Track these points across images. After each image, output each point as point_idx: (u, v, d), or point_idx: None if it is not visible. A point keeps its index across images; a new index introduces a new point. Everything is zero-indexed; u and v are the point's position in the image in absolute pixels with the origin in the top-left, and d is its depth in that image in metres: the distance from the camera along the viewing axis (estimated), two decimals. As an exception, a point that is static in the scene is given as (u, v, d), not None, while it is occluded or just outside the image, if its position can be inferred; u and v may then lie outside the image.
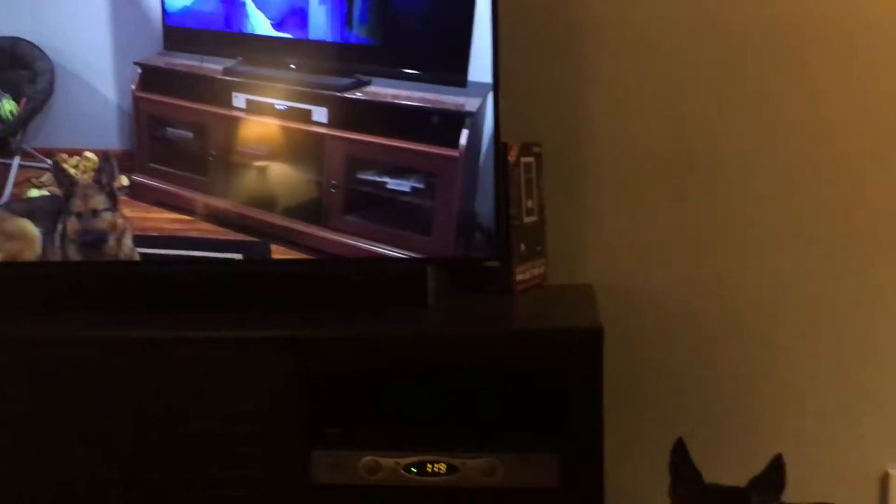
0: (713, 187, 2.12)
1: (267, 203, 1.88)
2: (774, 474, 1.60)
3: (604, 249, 2.15)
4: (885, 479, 2.14)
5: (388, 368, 1.91)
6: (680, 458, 1.64)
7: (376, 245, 1.84)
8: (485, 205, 1.82)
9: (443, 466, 1.67)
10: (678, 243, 2.14)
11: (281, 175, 1.88)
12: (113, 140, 1.89)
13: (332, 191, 1.85)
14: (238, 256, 1.90)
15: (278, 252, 1.88)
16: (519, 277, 1.97)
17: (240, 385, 1.70)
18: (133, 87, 1.88)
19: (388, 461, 1.68)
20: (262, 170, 1.88)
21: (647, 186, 2.13)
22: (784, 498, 1.62)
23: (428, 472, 1.68)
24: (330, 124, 1.83)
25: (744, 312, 2.14)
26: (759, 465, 1.63)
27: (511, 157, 1.93)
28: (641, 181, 2.13)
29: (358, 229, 1.84)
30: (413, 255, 1.84)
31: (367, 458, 1.68)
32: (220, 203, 1.89)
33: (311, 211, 1.86)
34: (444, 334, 1.75)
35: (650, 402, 2.16)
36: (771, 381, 2.14)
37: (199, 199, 1.90)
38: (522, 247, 1.98)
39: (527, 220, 2.00)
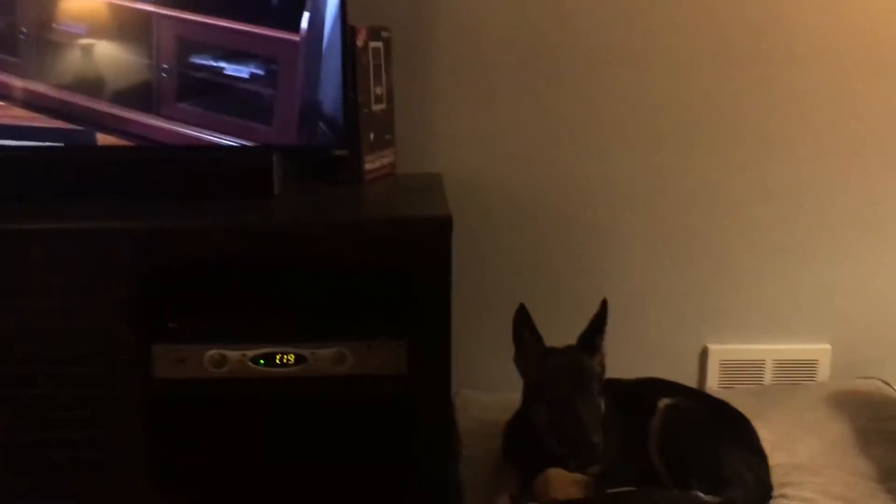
0: (563, 78, 2.14)
1: (90, 88, 1.74)
2: (602, 318, 1.73)
3: (453, 139, 2.15)
4: (703, 354, 2.33)
5: (234, 260, 1.86)
6: (522, 324, 1.72)
7: (214, 135, 1.76)
8: (330, 92, 1.76)
9: (291, 357, 1.67)
10: (526, 133, 2.17)
11: (105, 57, 1.73)
12: None
13: (163, 76, 1.73)
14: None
15: (105, 142, 1.76)
16: (368, 167, 1.95)
17: (73, 279, 1.62)
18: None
19: (234, 354, 1.66)
20: (84, 50, 1.72)
21: (497, 75, 2.13)
22: (606, 348, 1.73)
23: (276, 363, 1.67)
24: (157, 1, 1.70)
25: (584, 201, 2.21)
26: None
27: (359, 42, 1.86)
28: (492, 70, 2.12)
29: (193, 117, 1.75)
30: (254, 144, 1.77)
31: (212, 352, 1.66)
32: (36, 87, 1.73)
33: (141, 97, 1.74)
34: (290, 225, 1.72)
35: (495, 287, 2.23)
36: (604, 264, 2.25)
37: (11, 82, 1.73)
38: (371, 135, 1.95)
39: (375, 107, 1.96)
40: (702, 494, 1.68)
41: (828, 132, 2.20)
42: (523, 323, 1.72)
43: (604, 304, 1.74)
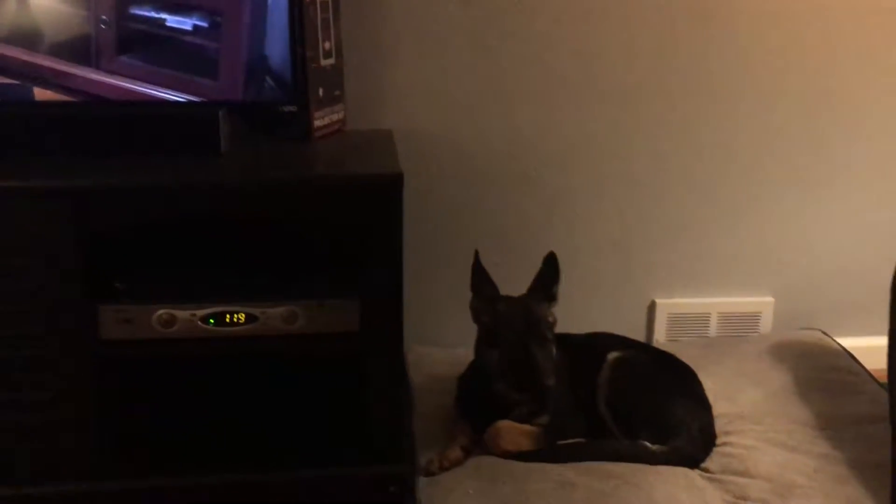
0: (513, 33, 2.12)
1: (26, 40, 1.67)
2: (552, 270, 1.77)
3: (403, 95, 2.13)
4: (651, 308, 2.38)
5: (181, 219, 1.82)
6: (478, 273, 1.77)
7: (157, 89, 1.70)
8: (277, 46, 1.72)
9: (242, 316, 1.66)
10: (477, 88, 2.15)
11: (41, 7, 1.66)
12: None
13: (103, 27, 1.67)
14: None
15: (43, 97, 1.70)
16: (317, 123, 1.92)
17: (14, 239, 1.58)
18: None
19: (183, 313, 1.64)
20: (18, 1, 1.65)
21: (447, 30, 2.10)
22: (558, 330, 1.76)
23: (226, 322, 1.65)
24: (95, -51, 1.64)
25: (534, 156, 2.22)
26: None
27: (307, -6, 1.82)
28: (442, 24, 2.10)
29: (135, 71, 1.69)
30: (199, 99, 1.72)
31: (161, 312, 1.63)
32: (-34, 39, 1.66)
33: (80, 50, 1.68)
34: (238, 182, 1.68)
35: (446, 243, 2.23)
36: (553, 219, 2.27)
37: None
38: (320, 91, 1.91)
39: (324, 62, 1.92)
40: (649, 444, 1.73)
41: (771, 89, 2.23)
42: (478, 273, 1.76)
43: (552, 256, 1.77)
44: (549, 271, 1.77)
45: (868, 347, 2.22)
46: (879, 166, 2.31)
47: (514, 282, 1.73)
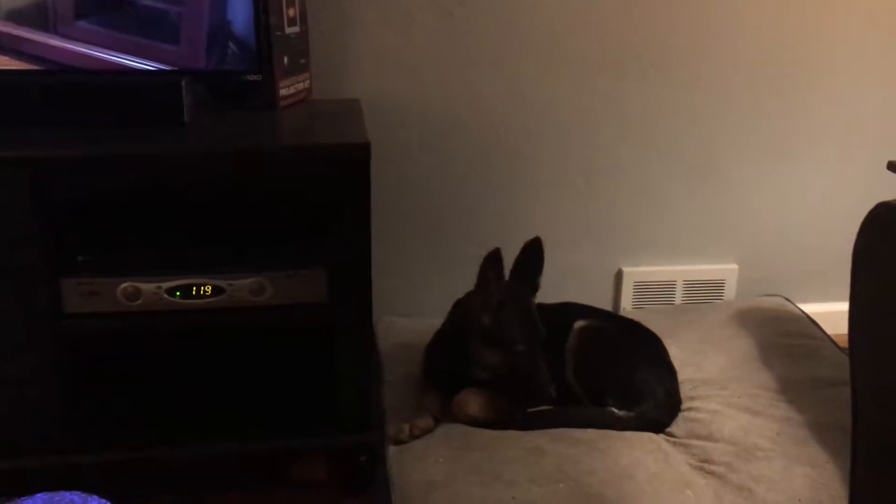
0: (479, 2, 2.10)
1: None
2: (534, 258, 1.74)
3: (370, 63, 2.11)
4: (618, 276, 2.40)
5: (145, 190, 1.80)
6: (491, 267, 1.68)
7: (116, 55, 1.66)
8: (241, 13, 1.69)
9: (208, 288, 1.64)
10: (444, 57, 2.14)
11: (-6, -30, 1.61)
12: None
13: (61, -10, 1.62)
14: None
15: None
16: (283, 92, 1.89)
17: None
18: None
19: (148, 286, 1.62)
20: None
21: (413, -3, 2.09)
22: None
23: (193, 294, 1.64)
24: None
25: (501, 125, 2.21)
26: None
27: (270, -40, 1.79)
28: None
29: (93, 37, 1.65)
30: (160, 66, 1.69)
31: (125, 285, 1.61)
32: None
33: (37, 14, 1.63)
34: (203, 152, 1.65)
35: (414, 213, 2.23)
36: (520, 189, 2.27)
37: None
38: (285, 59, 1.89)
39: (289, 30, 1.89)
40: (616, 410, 1.75)
41: (735, 60, 2.24)
42: (493, 266, 1.68)
43: (537, 243, 1.74)
44: (535, 259, 1.75)
45: (829, 313, 2.26)
46: (842, 134, 2.34)
47: (481, 251, 1.72)
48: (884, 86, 2.31)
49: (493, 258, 1.68)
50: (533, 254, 1.75)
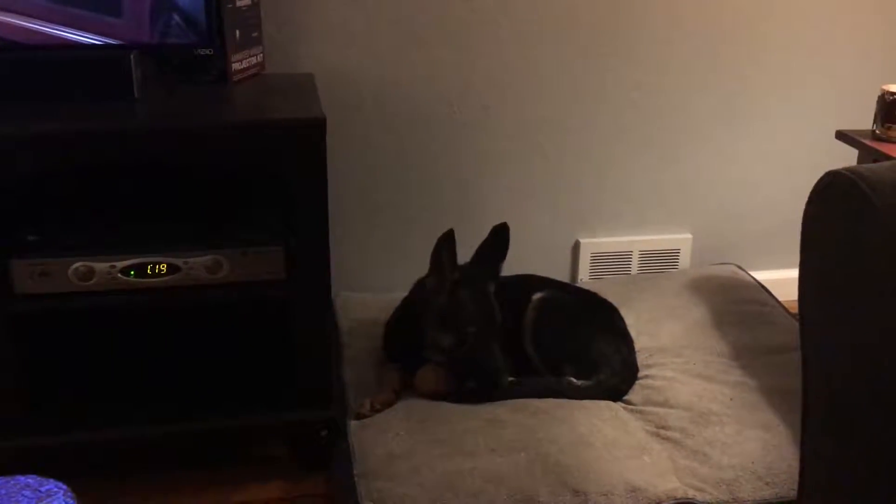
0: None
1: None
2: (499, 243, 1.75)
3: (324, 37, 2.08)
4: (575, 247, 2.42)
5: (96, 167, 1.76)
6: (444, 249, 1.70)
7: (60, 29, 1.62)
8: (189, -16, 1.65)
9: (164, 267, 1.61)
10: (397, 29, 2.12)
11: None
12: None
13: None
14: None
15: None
16: (235, 66, 1.86)
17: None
18: None
19: (102, 265, 1.59)
20: None
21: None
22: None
23: (148, 273, 1.61)
24: None
25: (458, 98, 2.20)
26: (472, 234, 1.76)
27: (218, -71, 1.75)
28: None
29: (33, 9, 1.59)
30: (106, 40, 1.64)
31: (78, 265, 1.58)
32: None
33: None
34: (154, 128, 1.62)
35: (372, 187, 2.22)
36: (480, 160, 2.27)
37: None
38: (237, 33, 1.85)
39: (240, 3, 1.86)
40: (574, 379, 1.78)
41: (686, 31, 2.25)
42: (446, 248, 1.70)
43: (504, 229, 1.75)
44: (500, 244, 1.76)
45: (780, 280, 2.31)
46: (791, 105, 2.37)
47: (438, 226, 1.72)
48: (832, 56, 2.34)
49: (446, 240, 1.69)
50: (498, 240, 1.76)
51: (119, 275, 1.60)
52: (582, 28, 2.20)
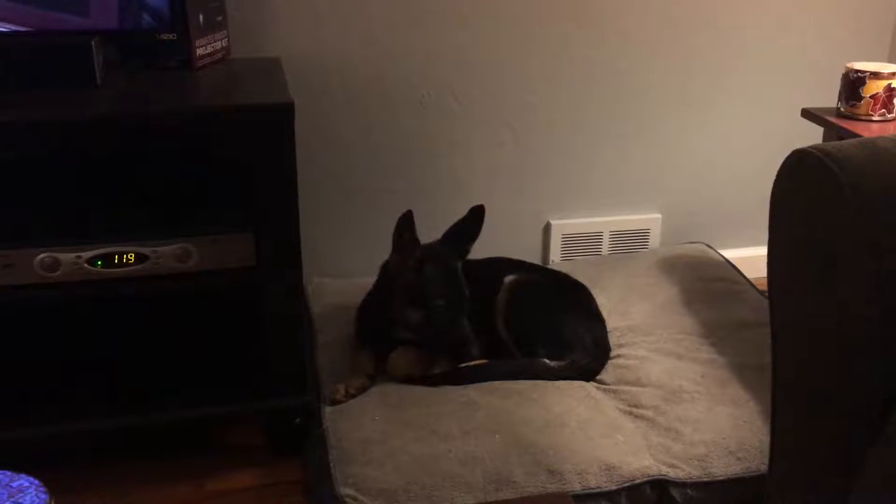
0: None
1: None
2: (474, 224, 1.77)
3: (290, 20, 2.05)
4: (547, 228, 2.43)
5: (59, 156, 1.73)
6: (405, 228, 1.73)
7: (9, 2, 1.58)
8: (151, -32, 1.62)
9: (131, 256, 1.59)
10: (366, 13, 2.10)
11: None
12: None
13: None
14: None
15: None
16: (199, 52, 1.83)
17: None
18: None
19: (67, 256, 1.56)
20: None
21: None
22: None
23: (115, 263, 1.59)
24: None
25: (427, 81, 2.19)
26: (443, 217, 1.76)
27: (179, -89, 1.71)
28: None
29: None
30: (69, 21, 1.60)
31: (42, 255, 1.55)
32: None
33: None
34: (117, 115, 1.58)
35: (342, 172, 2.20)
36: (450, 143, 2.26)
37: None
38: (200, 17, 1.82)
39: (203, -14, 1.83)
40: (547, 360, 1.79)
41: (653, 11, 2.26)
42: (406, 227, 1.73)
43: (480, 210, 1.76)
44: (472, 225, 1.77)
45: (749, 258, 2.34)
46: (758, 84, 2.39)
47: (413, 207, 1.72)
48: (797, 34, 2.36)
49: (405, 219, 1.73)
50: (472, 220, 1.77)
51: (86, 265, 1.57)
52: (550, 12, 2.19)
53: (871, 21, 2.39)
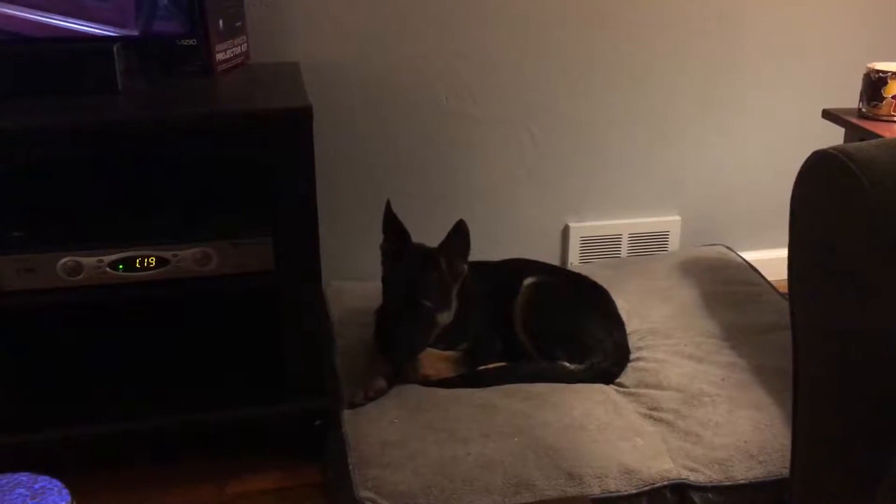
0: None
1: None
2: (458, 238, 1.75)
3: (309, 25, 2.06)
4: (565, 231, 2.42)
5: (80, 161, 1.75)
6: (389, 219, 1.76)
7: (42, 14, 1.60)
8: (172, -25, 1.64)
9: (152, 260, 1.61)
10: (383, 17, 2.11)
11: None
12: None
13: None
14: None
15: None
16: (219, 56, 1.85)
17: None
18: None
19: (90, 260, 1.57)
20: None
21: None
22: (476, 257, 1.78)
23: (136, 267, 1.60)
24: None
25: (445, 86, 2.20)
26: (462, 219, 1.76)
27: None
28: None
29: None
30: (93, 28, 1.62)
31: (65, 260, 1.57)
32: None
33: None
34: (139, 120, 1.60)
35: (360, 176, 2.21)
36: (469, 146, 2.27)
37: None
38: (220, 23, 1.84)
39: (222, -8, 1.84)
40: (567, 363, 1.78)
41: (676, 12, 2.25)
42: (389, 219, 1.76)
43: (460, 226, 1.74)
44: (458, 241, 1.74)
45: (769, 260, 2.32)
46: (778, 85, 2.38)
47: (428, 214, 1.73)
48: (819, 36, 2.34)
49: (386, 210, 1.76)
50: (455, 234, 1.74)
51: (108, 269, 1.59)
52: (569, 13, 2.19)
53: (892, 21, 2.37)
